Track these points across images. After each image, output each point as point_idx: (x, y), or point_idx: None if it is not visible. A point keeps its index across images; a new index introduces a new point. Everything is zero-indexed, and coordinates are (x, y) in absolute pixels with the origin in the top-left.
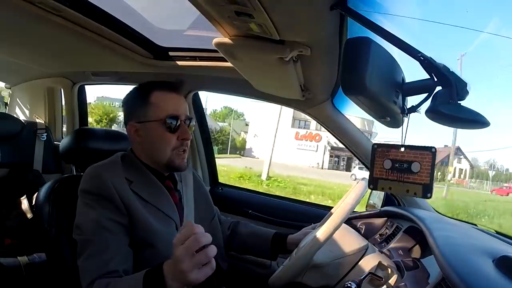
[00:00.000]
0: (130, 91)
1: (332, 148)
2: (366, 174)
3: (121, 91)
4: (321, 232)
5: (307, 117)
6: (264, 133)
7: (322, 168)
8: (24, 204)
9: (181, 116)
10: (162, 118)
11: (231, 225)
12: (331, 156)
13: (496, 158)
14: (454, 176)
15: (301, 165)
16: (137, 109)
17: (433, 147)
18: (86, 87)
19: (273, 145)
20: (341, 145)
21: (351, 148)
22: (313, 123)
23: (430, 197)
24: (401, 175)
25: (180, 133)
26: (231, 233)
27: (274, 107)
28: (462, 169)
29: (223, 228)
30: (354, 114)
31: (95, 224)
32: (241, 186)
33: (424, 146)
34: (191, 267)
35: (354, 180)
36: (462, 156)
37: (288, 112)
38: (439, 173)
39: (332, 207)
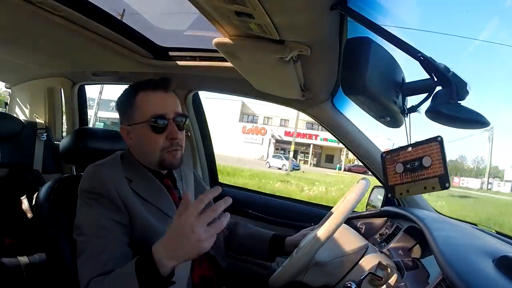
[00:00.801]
0: (121, 94)
1: (277, 141)
2: (278, 161)
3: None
4: (322, 232)
5: (255, 111)
6: (213, 127)
7: (266, 159)
8: (24, 204)
9: (168, 114)
10: (147, 119)
11: (230, 226)
12: (276, 149)
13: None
14: None
15: (247, 157)
16: (125, 111)
17: (439, 136)
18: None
19: None
20: (285, 138)
21: (352, 148)
22: (261, 118)
23: (449, 186)
24: (415, 174)
25: (168, 132)
26: (229, 234)
27: (225, 103)
28: None
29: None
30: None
31: (95, 223)
32: (242, 186)
33: (430, 138)
34: (205, 237)
35: (269, 167)
36: None
37: (236, 107)
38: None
39: (332, 207)
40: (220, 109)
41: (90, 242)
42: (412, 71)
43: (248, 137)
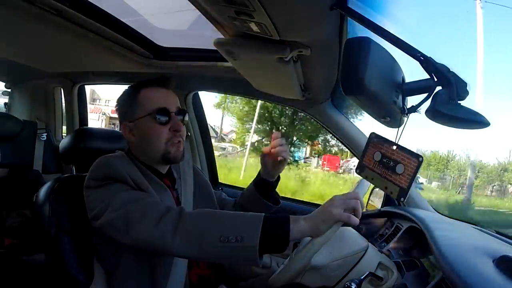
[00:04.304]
0: (122, 93)
1: (111, 118)
2: None
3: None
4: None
5: (101, 95)
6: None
7: None
8: (24, 204)
9: (171, 108)
10: (151, 112)
11: (236, 204)
12: (110, 124)
13: None
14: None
15: None
16: (128, 109)
17: (421, 156)
18: None
19: None
20: (113, 115)
21: (352, 148)
22: (103, 101)
23: (403, 201)
24: (385, 171)
25: (172, 124)
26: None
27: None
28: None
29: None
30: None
31: (127, 196)
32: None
33: (414, 152)
34: (341, 207)
35: None
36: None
37: (87, 92)
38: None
39: None
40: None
41: (134, 205)
42: (412, 71)
43: (91, 116)
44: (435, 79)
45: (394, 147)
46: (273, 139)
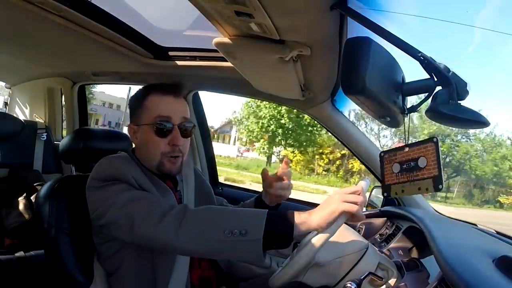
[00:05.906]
0: (134, 93)
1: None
2: None
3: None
4: (322, 232)
5: None
6: None
7: None
8: (24, 204)
9: (174, 119)
10: (152, 121)
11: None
12: None
13: None
14: (229, 143)
15: None
16: (135, 111)
17: (435, 137)
18: None
19: None
20: None
21: (351, 148)
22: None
23: (442, 188)
24: (411, 175)
25: (171, 138)
26: None
27: None
28: (240, 137)
29: None
30: None
31: (130, 195)
32: (242, 186)
33: (426, 139)
34: (342, 200)
35: None
36: None
37: None
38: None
39: None
40: None
41: (137, 203)
42: (412, 71)
43: None
44: (435, 79)
45: (407, 149)
46: (279, 175)
